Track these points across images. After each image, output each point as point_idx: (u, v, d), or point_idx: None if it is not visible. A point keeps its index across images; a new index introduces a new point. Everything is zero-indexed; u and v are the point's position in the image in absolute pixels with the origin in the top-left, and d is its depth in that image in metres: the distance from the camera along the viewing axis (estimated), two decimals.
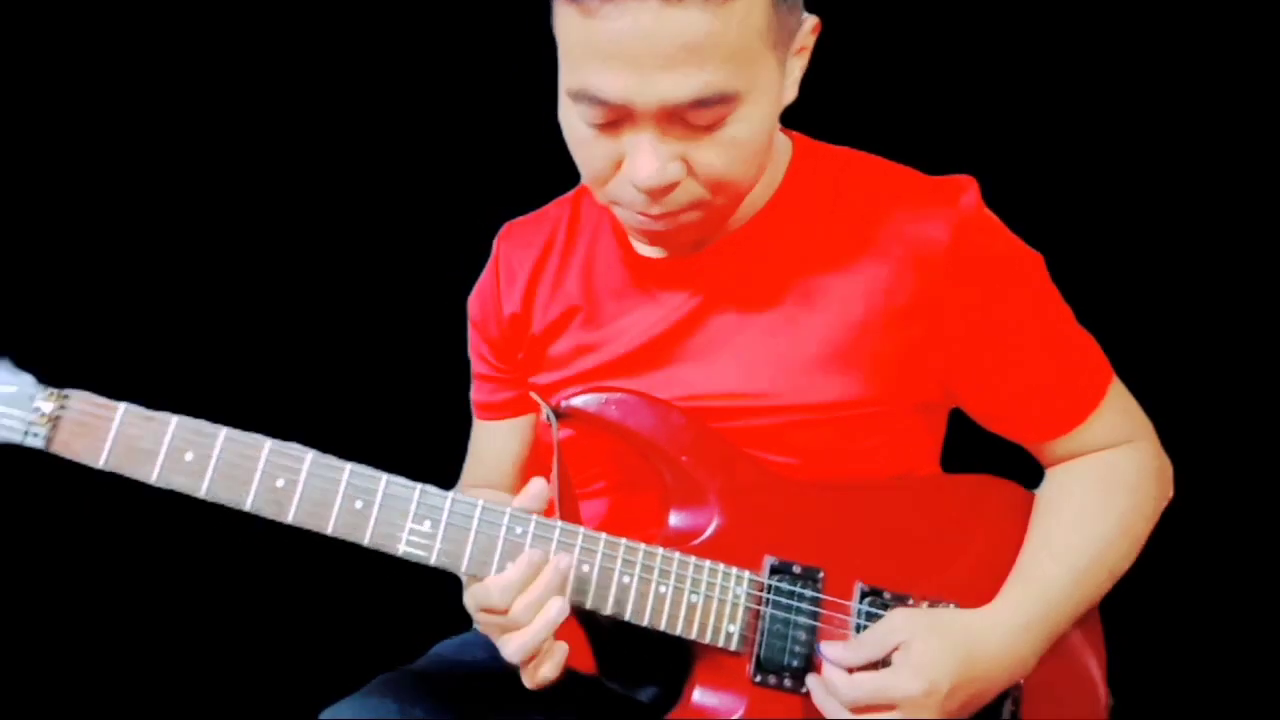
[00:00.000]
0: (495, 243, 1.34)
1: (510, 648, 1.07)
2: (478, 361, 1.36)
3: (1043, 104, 1.59)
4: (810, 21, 1.15)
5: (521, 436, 1.34)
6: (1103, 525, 1.18)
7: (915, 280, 1.14)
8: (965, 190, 1.16)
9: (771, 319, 1.17)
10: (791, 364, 1.16)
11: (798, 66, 1.15)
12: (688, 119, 1.04)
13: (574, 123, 1.09)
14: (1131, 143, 1.56)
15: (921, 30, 1.60)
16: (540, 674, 1.08)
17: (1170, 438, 1.22)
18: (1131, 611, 1.19)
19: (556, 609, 1.06)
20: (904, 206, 1.16)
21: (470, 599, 1.11)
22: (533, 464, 1.34)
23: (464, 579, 1.13)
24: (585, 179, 1.14)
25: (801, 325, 1.16)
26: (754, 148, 1.10)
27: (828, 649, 1.11)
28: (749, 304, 1.18)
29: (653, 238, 1.16)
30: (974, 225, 1.15)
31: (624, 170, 1.08)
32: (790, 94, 1.14)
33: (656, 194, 1.07)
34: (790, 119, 1.19)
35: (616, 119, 1.05)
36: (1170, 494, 1.24)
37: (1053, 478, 1.22)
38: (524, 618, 1.06)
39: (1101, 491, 1.19)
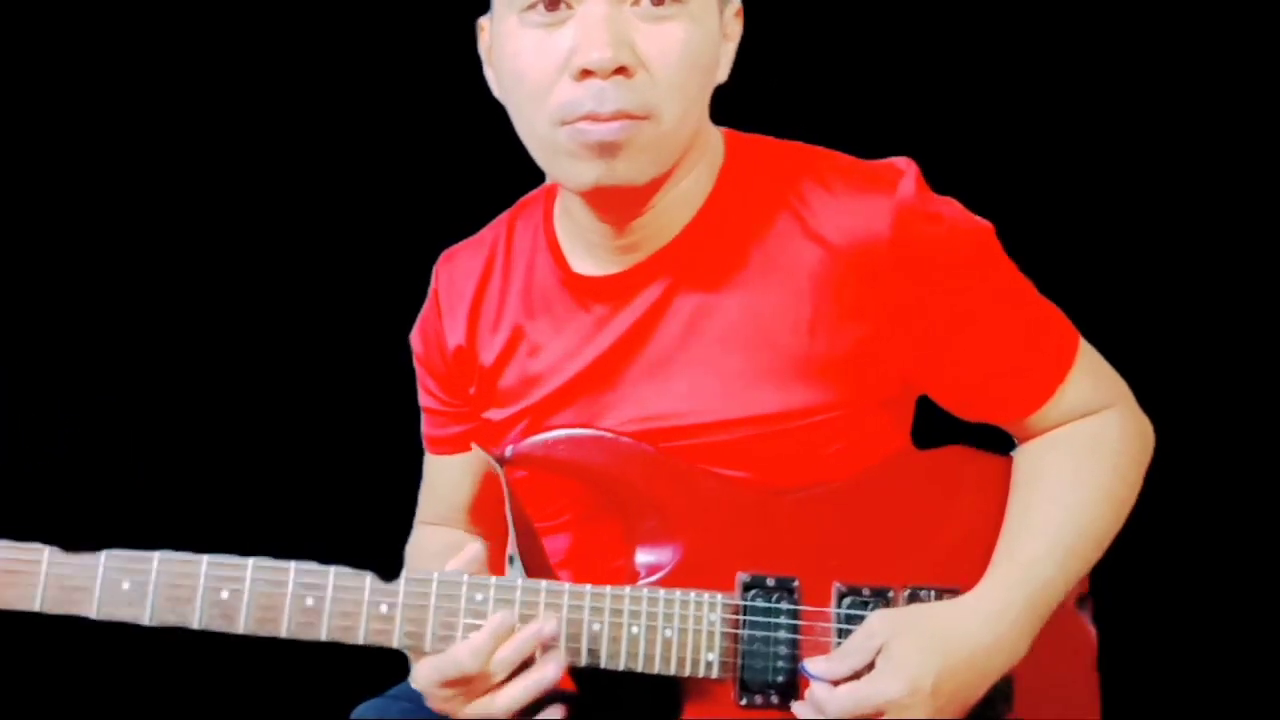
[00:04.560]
0: (434, 272, 1.29)
1: (497, 704, 1.05)
2: (425, 396, 1.31)
3: (987, 71, 1.52)
4: (735, 3, 1.13)
5: (475, 469, 1.30)
6: (1084, 494, 1.13)
7: (861, 276, 1.09)
8: (903, 175, 1.10)
9: (717, 330, 1.13)
10: (741, 376, 1.12)
11: (727, 50, 1.13)
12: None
13: (517, 41, 1.06)
14: (1083, 104, 1.49)
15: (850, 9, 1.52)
16: None
17: (1149, 403, 1.17)
18: (1122, 591, 1.16)
19: (553, 670, 1.05)
20: (843, 199, 1.11)
21: (430, 673, 1.06)
22: (493, 496, 1.29)
23: (410, 657, 1.10)
24: (526, 102, 1.09)
25: (748, 334, 1.12)
26: (697, 67, 1.07)
27: (811, 665, 1.09)
28: (692, 316, 1.13)
29: (601, 153, 1.05)
30: (915, 212, 1.09)
31: (573, 61, 1.04)
32: (722, 74, 1.13)
33: (606, 74, 1.03)
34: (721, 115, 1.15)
35: None
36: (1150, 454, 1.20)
37: (1027, 450, 1.17)
38: (501, 673, 1.05)
39: (1079, 459, 1.14)
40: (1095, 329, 1.17)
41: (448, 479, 1.32)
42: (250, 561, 1.04)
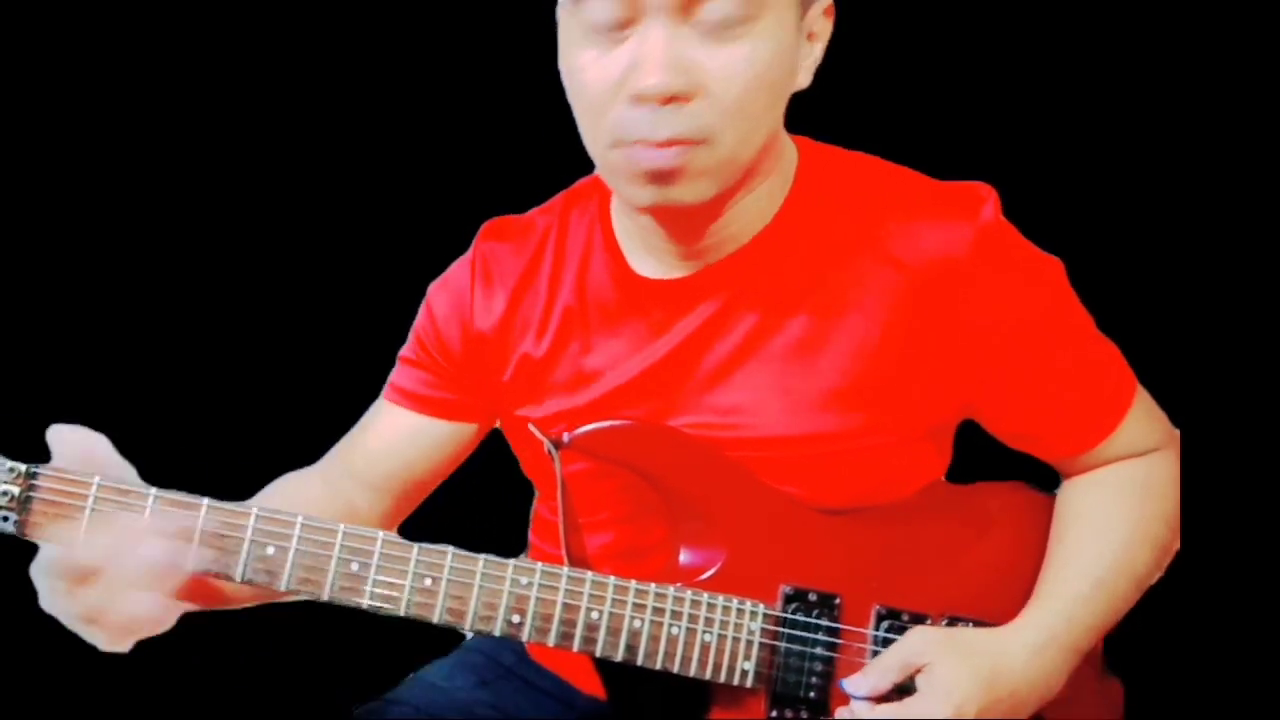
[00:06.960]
0: (476, 240, 1.23)
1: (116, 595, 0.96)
2: (416, 347, 1.22)
3: (1048, 99, 1.52)
4: (824, 1, 1.08)
5: (435, 442, 1.22)
6: (1130, 535, 1.14)
7: (934, 300, 1.08)
8: (985, 201, 1.09)
9: (780, 345, 1.11)
10: (802, 394, 1.10)
11: (811, 51, 1.08)
12: (703, 15, 0.99)
13: (578, 56, 1.02)
14: (1142, 139, 1.49)
15: (922, 25, 1.52)
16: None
17: (1194, 444, 1.17)
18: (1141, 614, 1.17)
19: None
20: (921, 218, 1.09)
21: (60, 567, 0.96)
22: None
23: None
24: (584, 118, 1.05)
25: (812, 352, 1.10)
26: (763, 87, 1.02)
27: (849, 683, 1.08)
28: (755, 328, 1.11)
29: (655, 179, 1.02)
30: (996, 239, 1.08)
31: (628, 84, 1.00)
32: (803, 79, 1.08)
33: (664, 99, 0.99)
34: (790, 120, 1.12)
35: (627, 18, 0.99)
36: None
37: (1073, 486, 1.17)
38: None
39: (1128, 500, 1.14)
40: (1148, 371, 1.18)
41: (397, 436, 1.22)
42: (299, 519, 1.02)
